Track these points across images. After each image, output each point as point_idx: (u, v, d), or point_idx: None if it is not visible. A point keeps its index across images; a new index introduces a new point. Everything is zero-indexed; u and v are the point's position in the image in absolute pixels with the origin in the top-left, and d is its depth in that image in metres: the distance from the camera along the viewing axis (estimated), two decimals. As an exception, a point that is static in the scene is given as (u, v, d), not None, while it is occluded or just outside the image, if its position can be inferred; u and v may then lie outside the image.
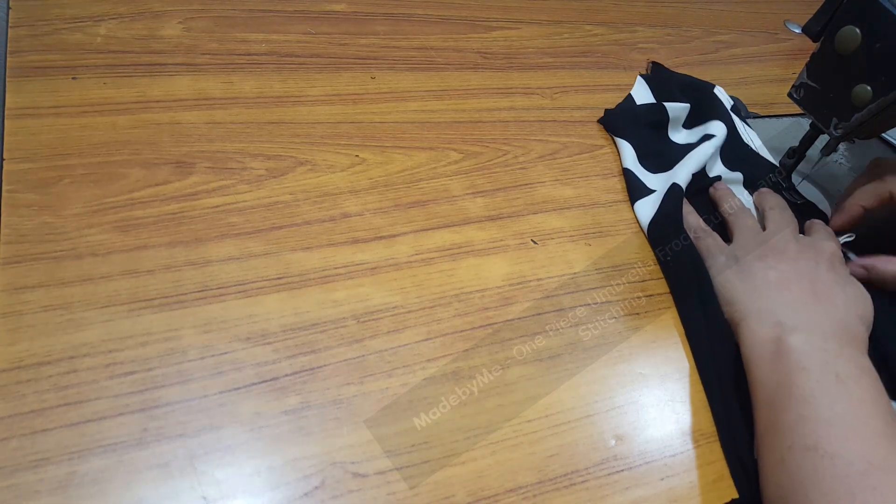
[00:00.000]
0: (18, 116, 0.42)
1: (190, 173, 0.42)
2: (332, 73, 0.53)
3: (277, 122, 0.47)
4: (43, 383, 0.31)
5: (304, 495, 0.30)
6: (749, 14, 0.80)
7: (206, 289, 0.36)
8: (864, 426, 0.32)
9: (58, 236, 0.36)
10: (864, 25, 0.43)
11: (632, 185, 0.50)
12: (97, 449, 0.29)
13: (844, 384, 0.34)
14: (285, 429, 0.32)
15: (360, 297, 0.38)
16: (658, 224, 0.47)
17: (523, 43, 0.63)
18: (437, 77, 0.56)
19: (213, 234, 0.39)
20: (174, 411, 0.31)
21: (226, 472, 0.30)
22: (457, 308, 0.39)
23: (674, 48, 0.69)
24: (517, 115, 0.54)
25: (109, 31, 0.50)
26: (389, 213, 0.43)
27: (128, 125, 0.44)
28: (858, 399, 0.33)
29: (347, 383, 0.34)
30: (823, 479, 0.30)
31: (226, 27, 0.54)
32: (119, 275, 0.36)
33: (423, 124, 0.51)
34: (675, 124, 0.57)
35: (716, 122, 0.56)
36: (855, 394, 0.34)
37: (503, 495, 0.32)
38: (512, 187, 0.48)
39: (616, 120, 0.55)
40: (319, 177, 0.44)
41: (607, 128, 0.56)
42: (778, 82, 0.69)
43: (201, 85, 0.48)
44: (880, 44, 0.43)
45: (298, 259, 0.39)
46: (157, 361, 0.33)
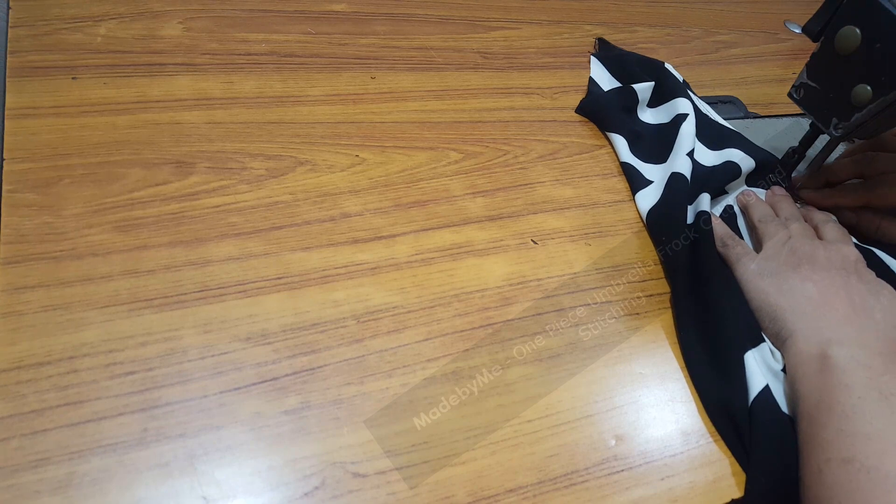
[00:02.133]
0: (18, 116, 0.42)
1: (190, 173, 0.42)
2: (332, 73, 0.53)
3: (277, 122, 0.47)
4: (43, 383, 0.31)
5: (304, 495, 0.30)
6: (749, 14, 0.80)
7: (206, 289, 0.36)
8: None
9: (58, 236, 0.36)
10: (864, 25, 0.43)
11: (631, 177, 0.51)
12: (97, 449, 0.29)
13: (887, 401, 0.34)
14: (285, 429, 0.32)
15: (360, 297, 0.38)
16: (658, 216, 0.47)
17: (523, 43, 0.63)
18: (437, 77, 0.56)
19: (213, 234, 0.39)
20: (174, 411, 0.31)
21: (226, 472, 0.30)
22: (457, 308, 0.39)
23: (674, 48, 0.69)
24: (517, 115, 0.54)
25: (109, 31, 0.50)
26: (389, 213, 0.43)
27: (128, 125, 0.44)
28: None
29: (347, 383, 0.34)
30: (859, 491, 0.31)
31: (226, 27, 0.54)
32: (119, 275, 0.36)
33: (423, 124, 0.51)
34: (642, 104, 0.58)
35: (680, 99, 0.56)
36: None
37: (503, 495, 0.32)
38: (512, 187, 0.48)
39: (595, 111, 0.56)
40: (319, 177, 0.44)
41: (592, 119, 0.56)
42: (778, 82, 0.69)
43: (201, 85, 0.48)
44: (880, 44, 0.43)
45: (298, 259, 0.39)
46: (157, 361, 0.33)
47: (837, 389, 0.35)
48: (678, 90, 0.57)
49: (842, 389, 0.35)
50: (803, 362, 0.38)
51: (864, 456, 0.32)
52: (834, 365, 0.36)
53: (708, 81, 0.65)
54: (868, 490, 0.31)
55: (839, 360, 0.36)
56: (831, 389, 0.35)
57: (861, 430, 0.33)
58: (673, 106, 0.56)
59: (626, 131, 0.54)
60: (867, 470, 0.31)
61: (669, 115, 0.56)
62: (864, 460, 0.31)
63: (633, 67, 0.60)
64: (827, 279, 0.42)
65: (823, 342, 0.38)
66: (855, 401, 0.34)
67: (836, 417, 0.34)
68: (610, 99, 0.56)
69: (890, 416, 0.33)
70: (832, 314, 0.40)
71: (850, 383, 0.35)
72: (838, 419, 0.34)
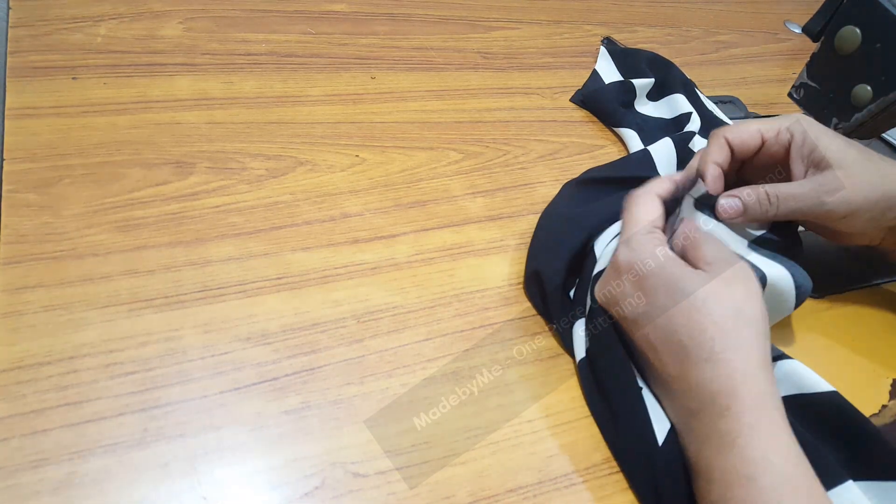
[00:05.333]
0: (18, 116, 0.42)
1: (190, 173, 0.42)
2: (332, 73, 0.53)
3: (277, 122, 0.47)
4: (43, 383, 0.31)
5: (305, 495, 0.30)
6: (749, 14, 0.80)
7: (207, 289, 0.36)
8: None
9: (58, 236, 0.36)
10: (864, 25, 0.43)
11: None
12: (97, 449, 0.29)
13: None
14: (285, 429, 0.32)
15: (360, 297, 0.38)
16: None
17: (523, 43, 0.63)
18: (437, 77, 0.56)
19: (214, 234, 0.39)
20: (174, 411, 0.31)
21: (226, 472, 0.30)
22: (457, 308, 0.39)
23: (674, 48, 0.69)
24: (517, 115, 0.54)
25: (109, 31, 0.50)
26: (389, 213, 0.43)
27: (128, 125, 0.44)
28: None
29: (347, 383, 0.34)
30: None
31: (226, 27, 0.54)
32: (119, 275, 0.36)
33: (423, 124, 0.51)
34: (641, 97, 0.58)
35: (679, 95, 0.57)
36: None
37: (503, 495, 0.32)
38: (512, 187, 0.48)
39: (595, 103, 0.56)
40: (319, 177, 0.44)
41: (591, 111, 0.57)
42: (778, 82, 0.69)
43: (201, 85, 0.48)
44: (880, 44, 0.43)
45: (298, 259, 0.39)
46: (157, 361, 0.33)
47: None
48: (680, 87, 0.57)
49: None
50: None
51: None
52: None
53: (708, 81, 0.65)
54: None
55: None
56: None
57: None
58: (672, 100, 0.57)
59: (634, 125, 0.54)
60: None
61: (669, 110, 0.57)
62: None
63: (640, 64, 0.60)
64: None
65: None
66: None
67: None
68: (609, 92, 0.56)
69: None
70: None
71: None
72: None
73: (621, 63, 0.61)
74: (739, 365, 0.31)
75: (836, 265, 0.50)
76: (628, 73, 0.60)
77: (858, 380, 0.42)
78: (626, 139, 0.54)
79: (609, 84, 0.58)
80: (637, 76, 0.58)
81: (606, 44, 0.65)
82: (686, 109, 0.55)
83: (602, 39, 0.66)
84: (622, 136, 0.55)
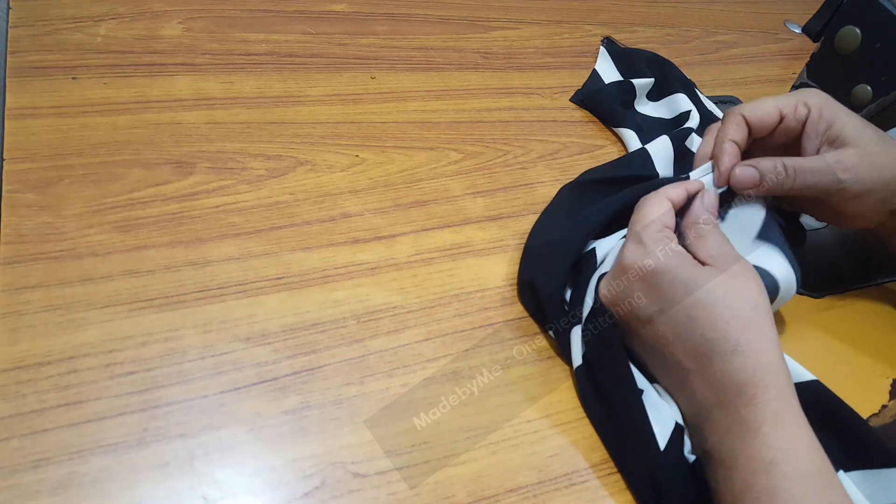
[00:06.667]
0: (18, 116, 0.42)
1: (190, 173, 0.42)
2: (332, 73, 0.53)
3: (277, 122, 0.47)
4: (43, 383, 0.31)
5: (304, 495, 0.30)
6: (749, 14, 0.80)
7: (207, 289, 0.36)
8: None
9: (58, 236, 0.36)
10: (864, 25, 0.43)
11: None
12: (97, 449, 0.29)
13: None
14: (285, 429, 0.32)
15: (360, 297, 0.38)
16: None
17: (523, 43, 0.63)
18: (437, 77, 0.56)
19: (213, 234, 0.39)
20: (174, 411, 0.31)
21: (226, 472, 0.30)
22: (457, 308, 0.39)
23: (674, 48, 0.69)
24: (517, 115, 0.54)
25: (109, 31, 0.50)
26: (389, 213, 0.43)
27: (128, 125, 0.44)
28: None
29: (347, 383, 0.34)
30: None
31: (226, 27, 0.54)
32: (119, 275, 0.36)
33: (423, 124, 0.51)
34: (641, 97, 0.58)
35: (681, 94, 0.57)
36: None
37: (503, 495, 0.32)
38: (512, 187, 0.48)
39: (594, 103, 0.56)
40: (319, 177, 0.44)
41: (591, 111, 0.57)
42: (778, 82, 0.69)
43: (201, 85, 0.48)
44: (880, 44, 0.43)
45: (298, 259, 0.39)
46: (157, 361, 0.33)
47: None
48: (680, 87, 0.58)
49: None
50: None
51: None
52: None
53: (708, 81, 0.65)
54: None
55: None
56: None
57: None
58: (672, 100, 0.57)
59: (633, 125, 0.54)
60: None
61: (670, 109, 0.57)
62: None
63: (640, 64, 0.60)
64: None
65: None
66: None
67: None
68: (609, 92, 0.56)
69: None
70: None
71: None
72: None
73: (621, 63, 0.61)
74: (764, 356, 0.31)
75: (836, 265, 0.50)
76: (628, 73, 0.60)
77: (858, 380, 0.42)
78: (626, 139, 0.54)
79: (609, 84, 0.58)
80: (637, 76, 0.58)
81: (606, 44, 0.65)
82: (686, 108, 0.55)
83: (602, 39, 0.66)
84: (622, 136, 0.55)
